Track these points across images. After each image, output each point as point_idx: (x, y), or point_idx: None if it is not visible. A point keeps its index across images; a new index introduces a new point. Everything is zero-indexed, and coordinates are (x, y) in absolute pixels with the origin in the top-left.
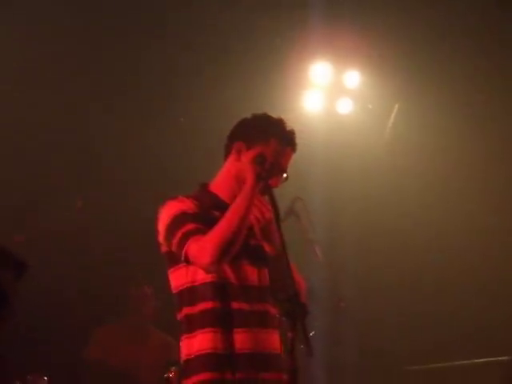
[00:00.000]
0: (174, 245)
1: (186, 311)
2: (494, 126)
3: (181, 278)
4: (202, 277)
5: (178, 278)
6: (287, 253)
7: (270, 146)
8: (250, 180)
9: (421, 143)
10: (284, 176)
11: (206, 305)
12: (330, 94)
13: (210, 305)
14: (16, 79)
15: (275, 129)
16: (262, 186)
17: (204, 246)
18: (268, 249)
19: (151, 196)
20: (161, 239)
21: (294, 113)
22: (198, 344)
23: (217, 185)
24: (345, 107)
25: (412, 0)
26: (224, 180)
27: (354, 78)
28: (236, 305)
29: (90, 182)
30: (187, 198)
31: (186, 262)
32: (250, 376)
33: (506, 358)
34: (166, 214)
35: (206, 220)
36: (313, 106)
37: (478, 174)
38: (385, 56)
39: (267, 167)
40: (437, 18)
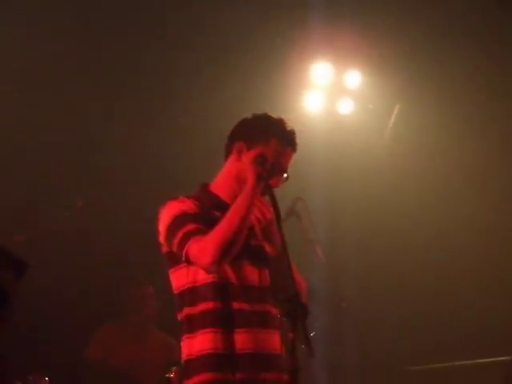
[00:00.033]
0: (174, 245)
1: (187, 311)
2: (494, 126)
3: (182, 279)
4: (202, 277)
5: (179, 279)
6: (288, 253)
7: (270, 146)
8: (250, 180)
9: (421, 143)
10: (284, 176)
11: (206, 305)
12: (330, 95)
13: (210, 305)
14: (16, 79)
15: (275, 129)
16: (262, 186)
17: (205, 246)
18: (269, 249)
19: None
20: (161, 239)
21: (294, 113)
22: (198, 344)
23: (217, 185)
24: (345, 107)
25: (412, 0)
26: (225, 180)
27: (354, 78)
28: (237, 305)
29: (89, 182)
30: (188, 199)
31: (187, 262)
32: (250, 376)
33: (508, 358)
34: (166, 215)
35: (206, 220)
36: (313, 106)
37: (478, 173)
38: (385, 56)
39: (268, 167)
40: (437, 17)
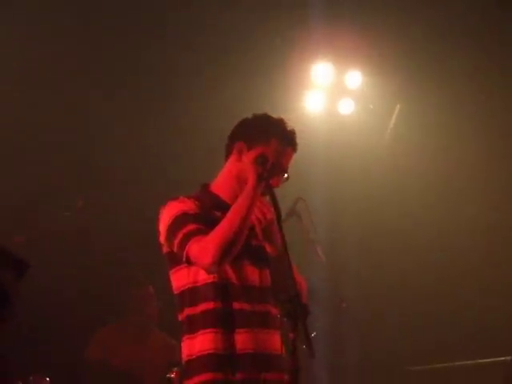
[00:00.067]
0: (175, 245)
1: (188, 312)
2: (495, 125)
3: (182, 279)
4: (203, 277)
5: (180, 279)
6: (288, 253)
7: (270, 146)
8: (251, 180)
9: (422, 143)
10: (285, 176)
11: (207, 305)
12: (331, 95)
13: (211, 305)
14: (16, 79)
15: (276, 129)
16: (263, 186)
17: (205, 246)
18: (269, 249)
19: (151, 196)
20: (162, 240)
21: (295, 113)
22: (199, 344)
23: (218, 185)
24: (346, 107)
25: (412, 0)
26: (225, 180)
27: (355, 78)
28: (237, 305)
29: (90, 182)
30: (188, 199)
31: (188, 262)
32: (251, 376)
33: (509, 358)
34: (167, 215)
35: (207, 220)
36: (314, 106)
37: (480, 173)
38: (385, 56)
39: (268, 167)
40: (437, 17)
